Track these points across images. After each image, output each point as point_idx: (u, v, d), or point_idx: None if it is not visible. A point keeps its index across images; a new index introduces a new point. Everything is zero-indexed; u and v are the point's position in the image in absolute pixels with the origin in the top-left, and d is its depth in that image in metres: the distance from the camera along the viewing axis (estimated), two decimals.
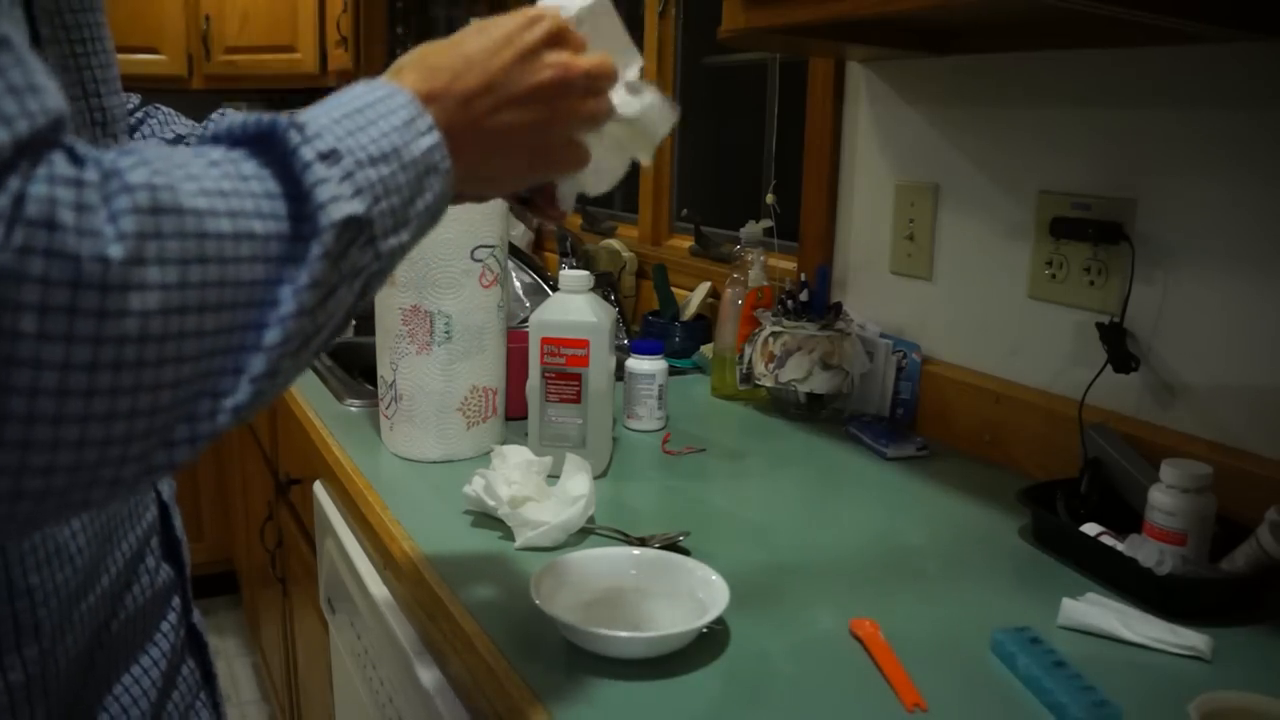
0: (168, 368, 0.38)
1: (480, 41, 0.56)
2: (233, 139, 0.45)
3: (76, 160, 0.36)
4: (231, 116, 0.46)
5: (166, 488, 0.67)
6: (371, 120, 0.49)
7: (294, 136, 0.44)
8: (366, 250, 0.47)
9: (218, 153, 0.43)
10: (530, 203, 0.71)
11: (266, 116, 0.45)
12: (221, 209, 0.40)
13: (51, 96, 0.36)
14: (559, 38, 0.59)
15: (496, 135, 0.56)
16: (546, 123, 0.58)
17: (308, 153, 0.44)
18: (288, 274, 0.43)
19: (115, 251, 0.35)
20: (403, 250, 0.50)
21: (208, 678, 0.70)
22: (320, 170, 0.44)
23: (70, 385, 0.35)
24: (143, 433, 0.39)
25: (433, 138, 0.51)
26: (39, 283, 0.34)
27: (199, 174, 0.40)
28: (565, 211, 0.73)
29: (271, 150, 0.44)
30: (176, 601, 0.66)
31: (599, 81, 0.60)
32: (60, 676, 0.54)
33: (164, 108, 0.91)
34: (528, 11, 0.59)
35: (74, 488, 0.38)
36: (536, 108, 0.57)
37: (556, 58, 0.58)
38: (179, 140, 0.89)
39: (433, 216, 0.53)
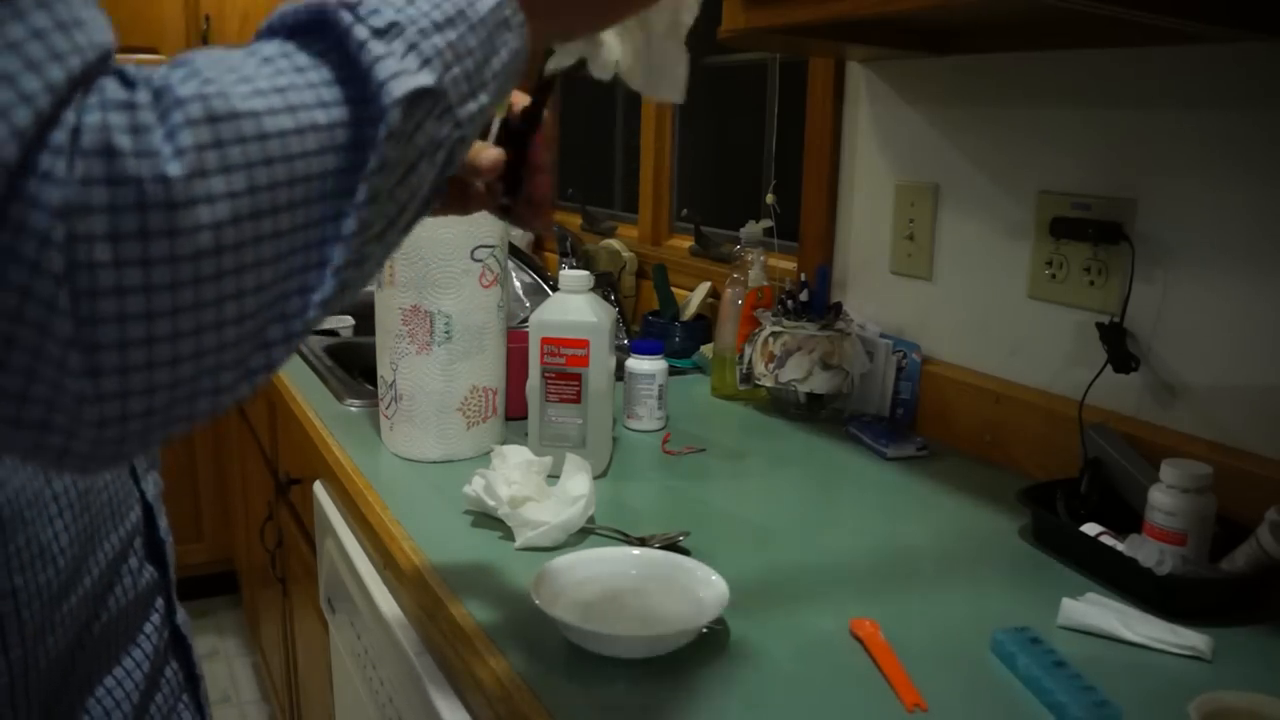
0: (249, 274, 0.38)
1: None
2: (286, 30, 0.43)
3: (127, 83, 0.36)
4: (284, 7, 0.45)
5: (152, 487, 0.67)
6: None
7: (345, 17, 0.42)
8: (445, 121, 0.45)
9: (271, 47, 0.42)
10: (510, 211, 0.69)
11: (318, 1, 0.43)
12: (280, 105, 0.39)
13: (99, 29, 0.36)
14: None
15: None
16: None
17: (361, 32, 0.42)
18: (358, 159, 0.41)
19: (175, 169, 0.35)
20: (483, 113, 0.48)
21: (191, 679, 0.69)
22: (378, 47, 0.42)
23: (156, 307, 0.36)
24: (235, 340, 0.39)
25: None
26: (106, 211, 0.34)
27: (253, 74, 0.39)
28: (548, 223, 0.71)
29: (325, 36, 0.42)
30: (160, 603, 0.65)
31: None
32: (41, 677, 0.53)
33: None
34: None
35: (177, 402, 0.39)
36: None
37: None
38: None
39: (512, 74, 0.49)
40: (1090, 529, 0.93)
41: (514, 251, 1.91)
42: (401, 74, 0.42)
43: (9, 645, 0.51)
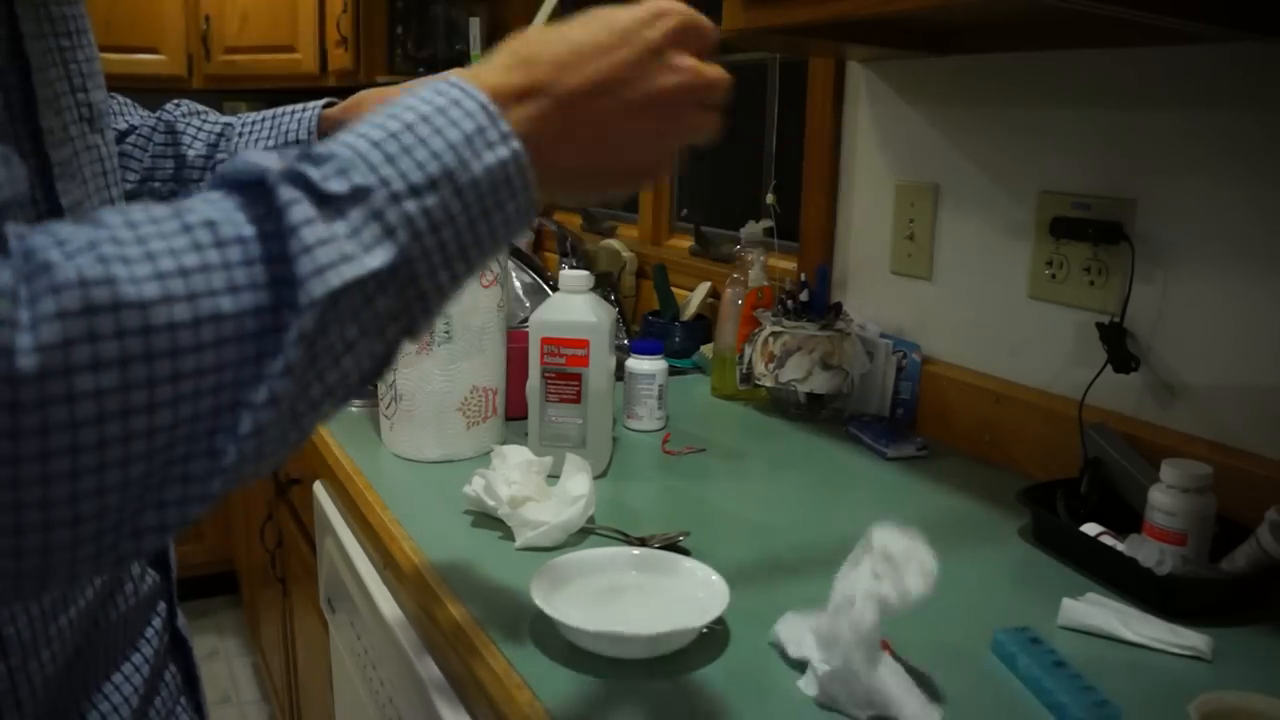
0: (112, 471, 0.36)
1: (592, 32, 0.48)
2: (231, 185, 0.40)
3: (3, 253, 0.34)
4: (246, 153, 0.41)
5: None
6: (427, 136, 0.42)
7: (283, 193, 0.39)
8: (403, 293, 0.41)
9: (204, 208, 0.38)
10: None
11: (265, 160, 0.40)
12: (179, 293, 0.36)
13: None
14: (686, 35, 0.51)
15: (599, 145, 0.49)
16: (660, 134, 0.51)
17: (297, 213, 0.38)
18: (265, 349, 0.38)
19: (27, 364, 0.33)
20: (461, 281, 0.44)
21: (190, 681, 0.69)
22: (312, 232, 0.38)
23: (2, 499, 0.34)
24: (92, 535, 0.37)
25: (506, 150, 0.44)
26: None
27: (160, 250, 0.36)
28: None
29: (261, 203, 0.39)
30: (162, 606, 0.65)
31: (719, 93, 0.53)
32: (35, 689, 0.53)
33: (119, 97, 0.89)
34: (652, 4, 0.51)
35: (43, 574, 0.37)
36: (652, 116, 0.50)
37: (682, 61, 0.50)
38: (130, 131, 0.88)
39: (504, 238, 0.45)
40: (1090, 529, 0.93)
41: (514, 251, 1.91)
42: (332, 266, 0.38)
43: (8, 653, 0.51)
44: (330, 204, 0.39)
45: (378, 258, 0.39)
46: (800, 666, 0.74)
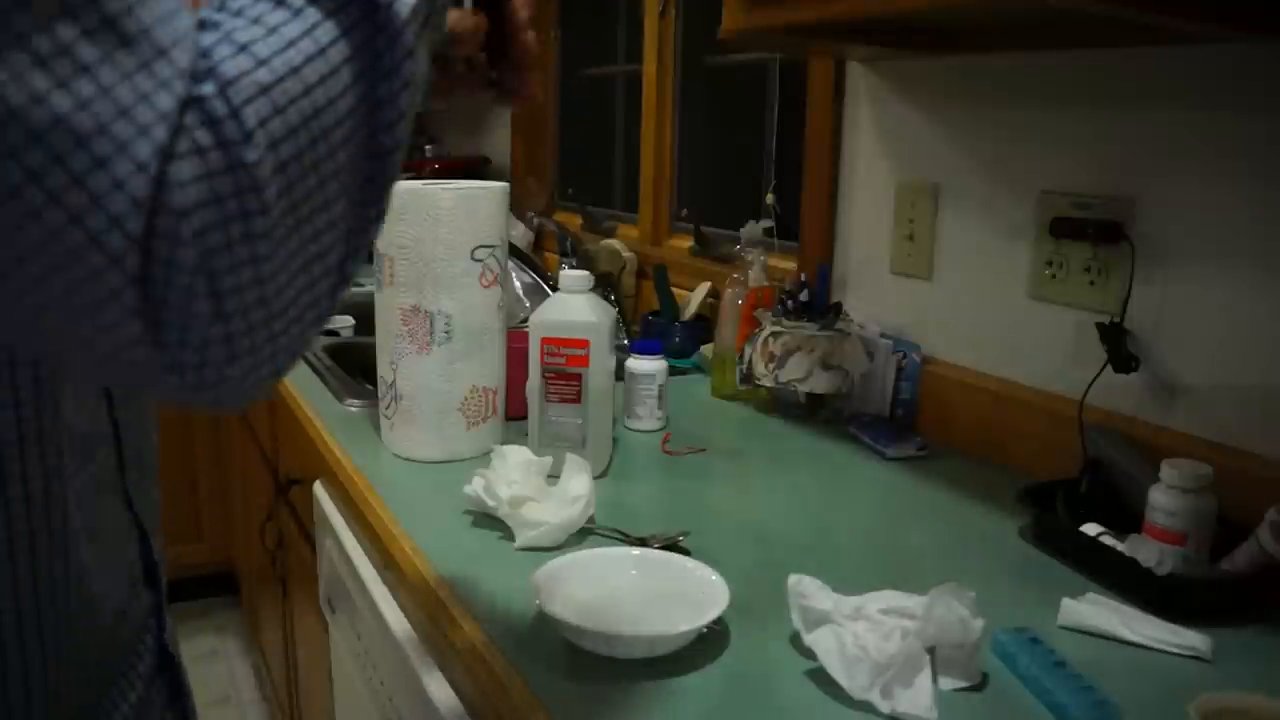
0: (321, 213, 0.42)
1: None
2: None
3: (196, 78, 0.38)
4: None
5: (149, 506, 0.65)
6: None
7: None
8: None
9: None
10: (498, 84, 0.66)
11: None
12: (312, 50, 0.41)
13: (187, 43, 0.38)
14: None
15: None
16: None
17: None
18: (383, 75, 0.43)
19: (251, 154, 0.38)
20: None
21: (177, 694, 0.68)
22: None
23: (266, 272, 0.40)
24: (321, 274, 0.44)
25: None
26: (214, 205, 0.37)
27: (276, 22, 0.40)
28: (535, 87, 0.68)
29: None
30: (152, 623, 0.65)
31: None
32: (34, 713, 0.53)
33: None
34: None
35: (292, 331, 0.43)
36: None
37: None
38: None
39: None
40: (1090, 529, 0.93)
41: (514, 251, 1.91)
42: None
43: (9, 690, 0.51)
44: None
45: None
46: (809, 654, 0.74)
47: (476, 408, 1.18)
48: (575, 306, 1.11)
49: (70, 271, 0.36)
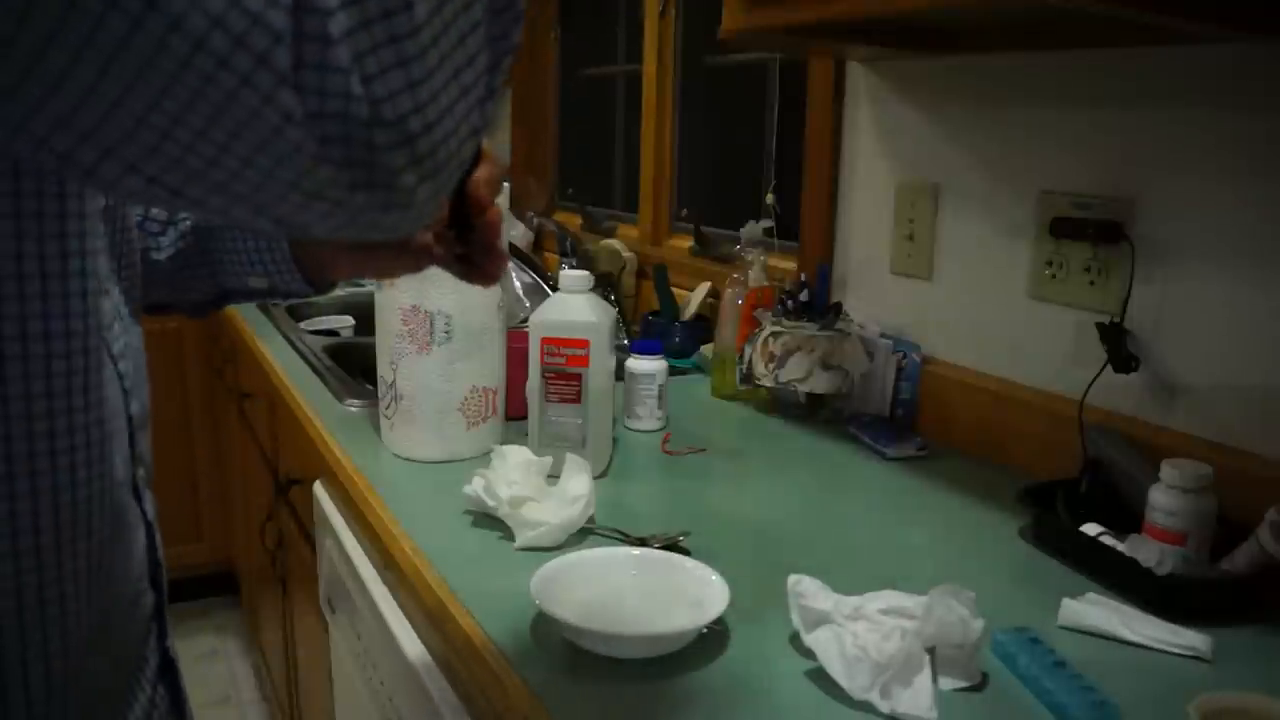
0: (463, 19, 0.41)
1: None
2: None
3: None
4: None
5: (150, 508, 0.66)
6: None
7: None
8: None
9: None
10: (467, 259, 0.67)
11: None
12: None
13: None
14: None
15: None
16: None
17: None
18: None
19: (357, 88, 0.37)
20: None
21: (177, 702, 0.68)
22: None
23: (419, 74, 0.39)
24: (473, 81, 0.42)
25: None
26: (365, 26, 0.37)
27: None
28: (502, 266, 0.68)
29: None
30: (155, 625, 0.64)
31: None
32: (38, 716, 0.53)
33: None
34: None
35: (458, 138, 0.42)
36: None
37: None
38: None
39: None
40: (1090, 529, 0.93)
41: (514, 251, 1.91)
42: None
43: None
44: None
45: None
46: (809, 654, 0.75)
47: (476, 408, 1.18)
48: (575, 306, 1.11)
49: (234, 98, 0.36)
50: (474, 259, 0.67)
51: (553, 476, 1.02)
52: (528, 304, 1.88)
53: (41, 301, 0.48)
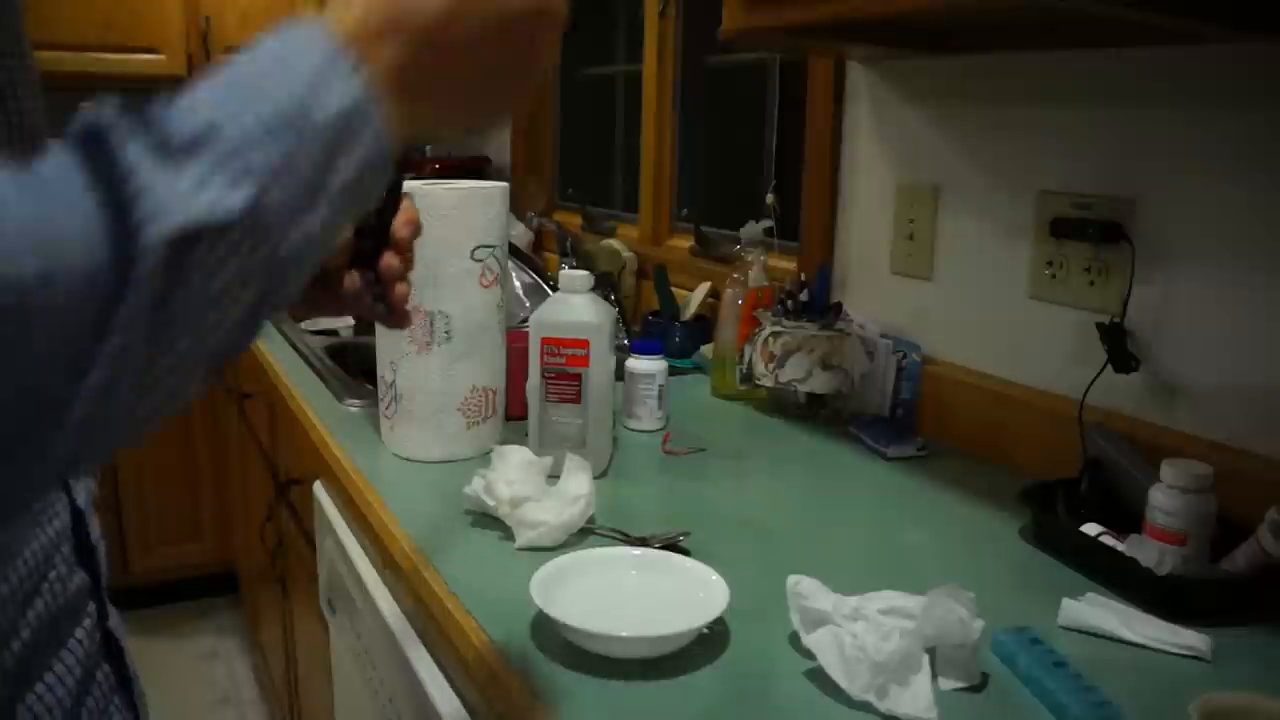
0: None
1: None
2: (75, 137, 0.38)
3: None
4: (82, 113, 0.39)
5: (83, 494, 0.65)
6: (275, 79, 0.40)
7: (116, 135, 0.37)
8: (256, 249, 0.39)
9: (46, 166, 0.37)
10: (386, 303, 0.65)
11: (104, 110, 0.38)
12: (24, 248, 0.34)
13: None
14: None
15: (463, 73, 0.46)
16: (517, 57, 0.48)
17: (133, 154, 0.37)
18: (109, 305, 0.36)
19: None
20: (324, 233, 0.42)
21: (124, 681, 0.67)
22: (148, 175, 0.36)
23: None
24: None
25: (350, 92, 0.41)
26: None
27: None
28: (405, 320, 0.66)
29: (100, 154, 0.37)
30: (92, 607, 0.64)
31: (561, 15, 0.50)
32: None
33: None
34: None
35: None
36: (509, 39, 0.47)
37: None
38: None
39: (363, 192, 0.43)
40: (1090, 529, 0.93)
41: (514, 251, 1.91)
42: (173, 212, 0.36)
43: None
44: (167, 151, 0.37)
45: (224, 203, 0.38)
46: (808, 654, 0.74)
47: (476, 408, 1.18)
48: (575, 306, 1.11)
49: None
50: (391, 304, 0.65)
51: (553, 476, 1.02)
52: (528, 304, 1.88)
53: None
